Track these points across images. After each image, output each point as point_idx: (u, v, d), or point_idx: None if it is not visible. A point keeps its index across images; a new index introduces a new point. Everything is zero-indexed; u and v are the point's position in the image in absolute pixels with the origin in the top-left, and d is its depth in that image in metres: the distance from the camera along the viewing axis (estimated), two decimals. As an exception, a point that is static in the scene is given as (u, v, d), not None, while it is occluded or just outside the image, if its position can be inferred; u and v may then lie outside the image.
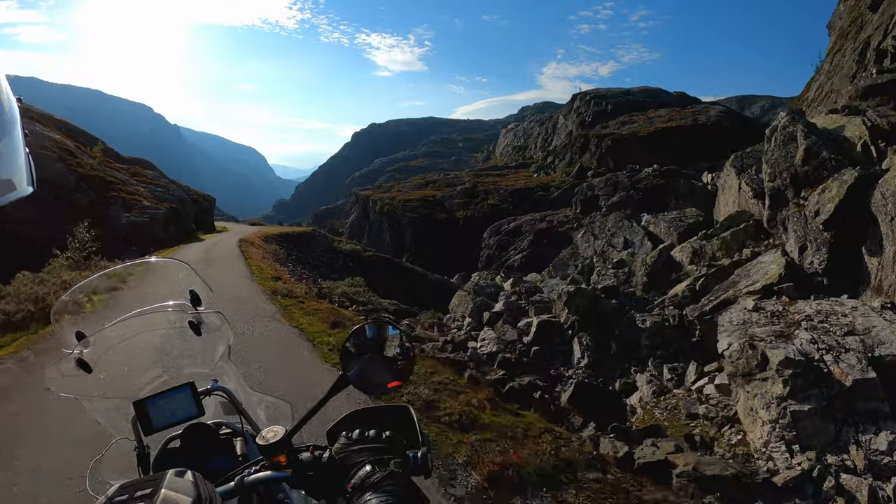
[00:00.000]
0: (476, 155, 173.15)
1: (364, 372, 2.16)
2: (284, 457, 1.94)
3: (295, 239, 43.01)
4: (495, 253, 60.92)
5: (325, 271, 33.73)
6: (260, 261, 28.24)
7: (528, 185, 75.86)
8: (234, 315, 14.60)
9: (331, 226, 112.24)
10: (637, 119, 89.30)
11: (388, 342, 2.20)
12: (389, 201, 78.90)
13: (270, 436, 1.95)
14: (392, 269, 40.33)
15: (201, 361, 2.87)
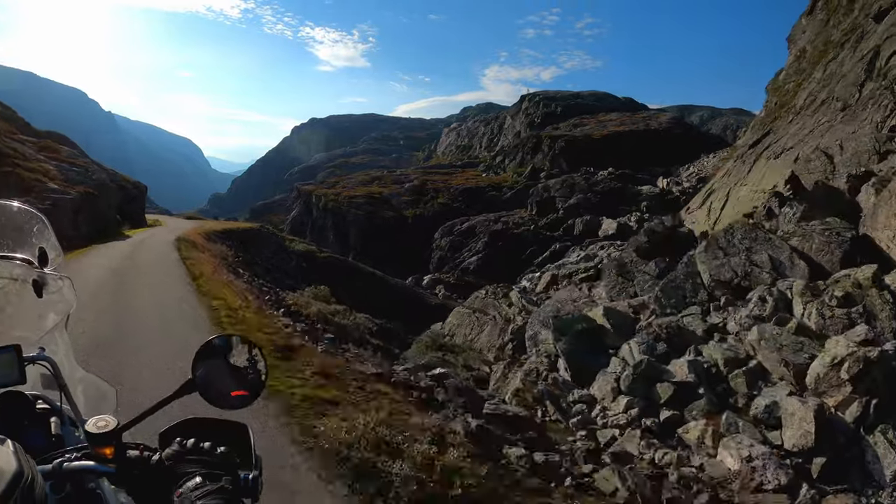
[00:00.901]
0: (417, 153, 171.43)
1: (210, 378, 2.05)
2: (112, 450, 1.77)
3: (240, 237, 37.58)
4: (448, 254, 57.16)
5: (278, 276, 29.21)
6: (211, 275, 19.72)
7: (479, 185, 72.45)
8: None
9: (269, 222, 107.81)
10: (588, 122, 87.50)
11: (238, 353, 2.14)
12: (334, 197, 74.31)
13: (101, 424, 1.78)
14: (349, 273, 35.99)
15: (32, 325, 2.46)
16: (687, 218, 47.36)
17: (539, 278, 48.22)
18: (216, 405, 2.10)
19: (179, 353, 9.93)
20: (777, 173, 33.94)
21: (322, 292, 21.88)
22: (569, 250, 51.54)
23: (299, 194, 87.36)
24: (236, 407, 2.08)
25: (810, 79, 37.54)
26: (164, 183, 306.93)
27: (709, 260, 15.40)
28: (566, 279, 41.98)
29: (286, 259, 35.56)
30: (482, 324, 20.81)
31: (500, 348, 19.34)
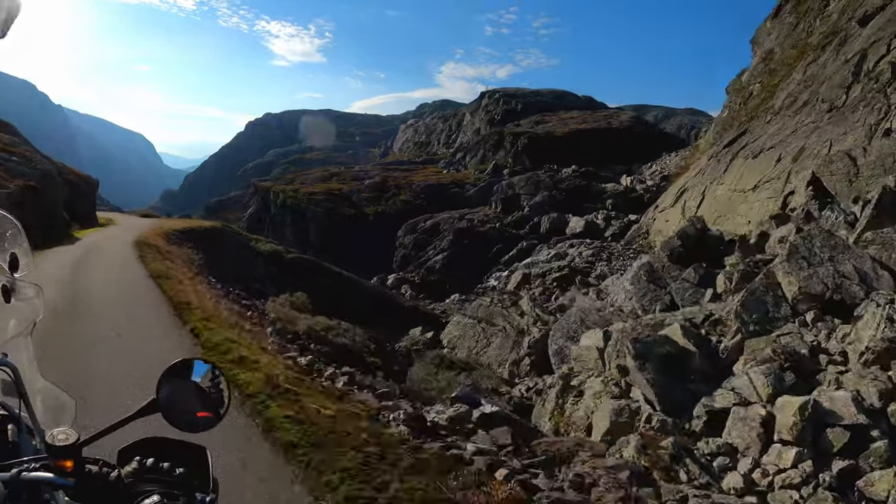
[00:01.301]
0: (373, 150, 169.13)
1: (174, 400, 2.05)
2: (72, 464, 1.77)
3: (202, 236, 34.19)
4: (412, 253, 55.24)
5: (246, 280, 26.87)
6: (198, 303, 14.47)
7: (441, 182, 70.66)
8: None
9: (224, 219, 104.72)
10: (550, 119, 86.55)
11: (203, 376, 2.13)
12: (293, 194, 71.69)
13: (62, 437, 1.79)
14: (318, 274, 33.69)
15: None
16: (658, 216, 46.59)
17: (508, 277, 46.82)
18: (178, 428, 2.05)
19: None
20: (757, 173, 33.22)
21: (300, 300, 19.80)
22: (536, 248, 50.25)
23: (256, 191, 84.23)
24: (198, 430, 2.06)
25: (789, 80, 37.52)
26: (115, 179, 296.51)
27: (794, 271, 12.94)
28: (539, 279, 40.60)
29: (252, 261, 33.01)
30: (489, 335, 18.93)
31: (514, 363, 17.42)
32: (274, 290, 25.28)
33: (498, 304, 20.46)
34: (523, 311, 20.03)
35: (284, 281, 29.62)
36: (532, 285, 39.80)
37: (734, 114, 59.40)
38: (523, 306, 20.42)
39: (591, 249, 44.41)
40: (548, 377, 16.02)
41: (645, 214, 53.84)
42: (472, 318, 19.65)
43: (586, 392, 12.10)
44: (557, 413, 11.99)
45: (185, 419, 2.05)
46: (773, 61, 52.38)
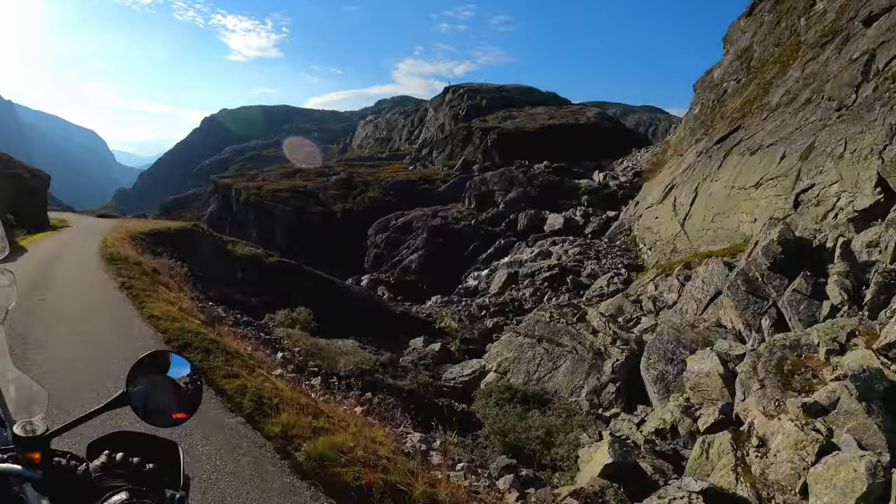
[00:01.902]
0: (332, 146, 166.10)
1: (148, 395, 1.98)
2: (39, 456, 1.73)
3: (173, 240, 29.97)
4: (384, 252, 52.16)
5: (226, 290, 23.32)
6: (239, 368, 9.36)
7: (409, 178, 67.57)
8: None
9: (181, 218, 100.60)
10: (517, 115, 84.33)
11: (178, 372, 2.06)
12: (256, 191, 67.77)
13: (30, 429, 1.75)
14: (301, 279, 30.20)
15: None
16: (645, 213, 44.47)
17: (490, 277, 44.19)
18: (148, 422, 1.99)
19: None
20: (757, 169, 31.49)
21: (302, 317, 16.65)
22: (515, 246, 47.87)
23: (216, 188, 79.76)
24: (169, 425, 2.02)
25: (784, 77, 36.41)
26: (67, 178, 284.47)
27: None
28: (527, 279, 37.97)
29: (227, 265, 29.29)
30: (555, 357, 15.81)
31: (594, 392, 14.38)
32: (255, 300, 22.09)
33: (561, 321, 17.28)
34: (594, 327, 16.90)
35: (265, 287, 26.42)
36: (520, 286, 37.21)
37: (707, 111, 58.49)
38: (592, 321, 17.28)
39: (576, 247, 42.01)
40: (647, 408, 13.24)
41: (624, 211, 52.08)
42: (530, 337, 16.55)
43: (772, 440, 8.92)
44: (742, 470, 8.80)
45: (155, 414, 1.97)
46: (754, 59, 51.41)
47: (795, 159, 28.78)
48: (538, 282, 36.32)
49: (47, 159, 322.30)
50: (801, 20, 43.33)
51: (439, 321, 32.65)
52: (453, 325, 29.56)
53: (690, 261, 31.45)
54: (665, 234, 38.48)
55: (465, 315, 31.87)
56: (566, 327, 16.67)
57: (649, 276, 33.56)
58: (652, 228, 40.56)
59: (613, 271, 36.96)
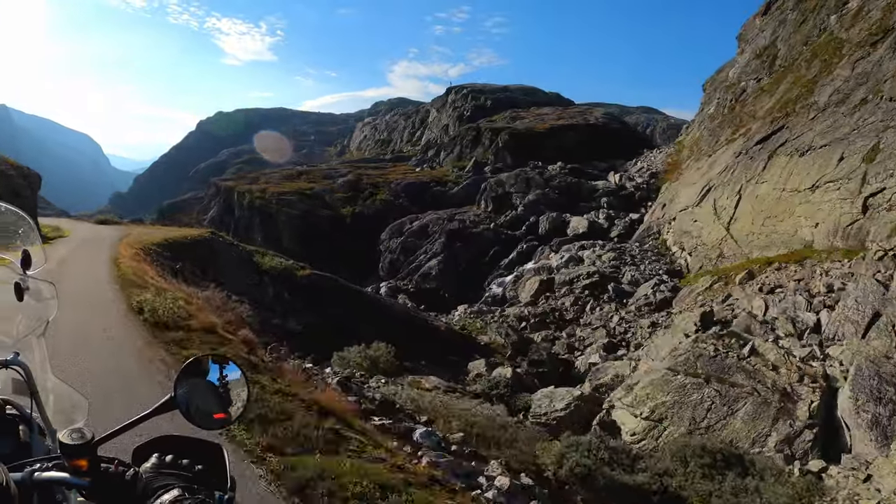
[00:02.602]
0: (329, 149, 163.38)
1: (192, 398, 1.98)
2: (86, 463, 1.69)
3: (190, 251, 25.41)
4: (400, 258, 48.74)
5: (264, 314, 19.73)
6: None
7: (420, 180, 64.08)
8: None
9: (179, 222, 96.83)
10: (525, 115, 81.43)
11: (226, 377, 2.05)
12: (260, 194, 64.10)
13: (76, 436, 1.69)
14: (339, 295, 26.40)
15: (9, 329, 2.37)
16: (680, 216, 41.42)
17: (516, 283, 40.90)
18: (195, 425, 1.97)
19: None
20: (811, 171, 29.20)
21: (382, 357, 13.18)
22: (538, 251, 44.66)
23: (218, 191, 75.95)
24: (215, 428, 2.02)
25: (830, 76, 34.76)
26: (61, 182, 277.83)
27: None
28: (564, 286, 34.68)
29: (256, 280, 25.43)
30: (729, 401, 12.28)
31: (785, 441, 11.05)
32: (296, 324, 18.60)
33: (731, 355, 13.51)
34: (769, 359, 13.33)
35: (300, 305, 22.91)
36: (557, 293, 33.97)
37: (724, 110, 56.07)
38: (768, 353, 13.69)
39: (610, 252, 38.86)
40: (855, 459, 10.18)
41: (648, 213, 49.21)
42: (693, 376, 13.03)
43: None
44: None
45: (201, 416, 1.96)
46: (778, 57, 49.29)
47: (858, 161, 26.97)
48: (577, 290, 33.09)
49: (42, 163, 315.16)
50: (832, 18, 41.64)
51: (473, 332, 29.35)
52: (499, 339, 26.24)
53: (750, 268, 28.76)
54: (708, 238, 35.85)
55: (507, 328, 28.46)
56: (738, 362, 13.22)
57: (703, 283, 30.75)
58: (691, 232, 37.74)
59: (657, 278, 33.87)
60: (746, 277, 27.64)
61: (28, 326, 2.36)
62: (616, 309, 30.60)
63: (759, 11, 59.73)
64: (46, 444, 2.06)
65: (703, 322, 21.38)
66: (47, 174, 46.37)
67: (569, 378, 20.19)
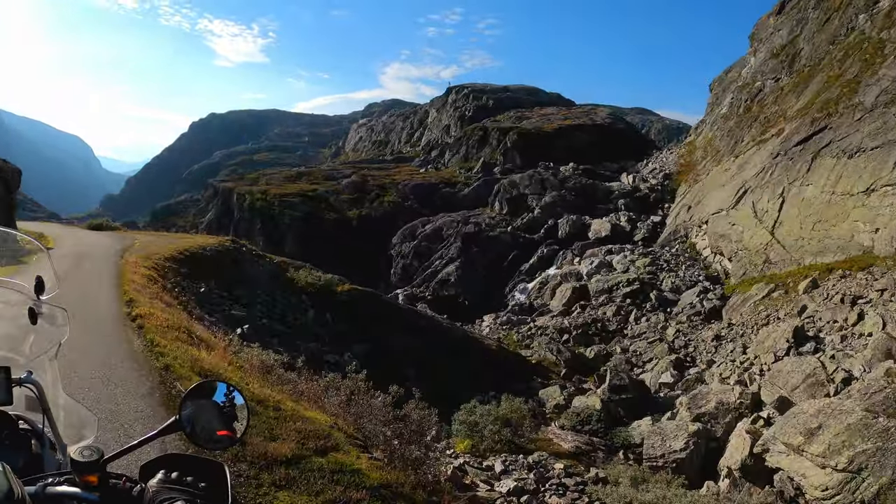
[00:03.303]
0: (324, 150, 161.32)
1: (198, 418, 2.04)
2: (96, 478, 1.75)
3: (211, 266, 21.08)
4: (413, 263, 45.80)
5: (309, 345, 16.40)
6: None
7: (429, 181, 61.10)
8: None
9: (173, 225, 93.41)
10: (531, 115, 78.92)
11: (232, 397, 2.11)
12: (261, 195, 60.86)
13: (87, 453, 1.75)
14: (388, 315, 22.81)
15: (23, 349, 2.45)
16: (714, 220, 38.80)
17: (541, 290, 38.08)
18: (199, 445, 2.02)
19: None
20: (864, 174, 27.41)
21: (510, 411, 10.18)
22: (559, 256, 41.91)
23: (216, 193, 72.57)
24: (218, 448, 2.07)
25: (875, 76, 32.44)
26: (52, 185, 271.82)
27: None
28: (603, 294, 31.84)
29: (291, 299, 21.37)
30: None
31: None
32: (349, 357, 15.42)
33: None
34: None
35: (343, 329, 19.69)
36: (594, 302, 31.16)
37: (739, 110, 54.16)
38: None
39: (643, 257, 36.17)
40: None
41: (672, 215, 46.73)
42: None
43: None
44: None
45: (205, 436, 2.01)
46: (801, 56, 47.53)
47: None
48: (618, 298, 30.28)
49: (33, 165, 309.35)
50: (861, 17, 39.93)
51: (510, 346, 26.49)
52: (549, 357, 23.40)
53: (810, 275, 26.35)
54: (751, 243, 33.41)
55: (556, 344, 25.59)
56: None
57: (757, 291, 28.28)
58: (729, 236, 35.18)
59: (700, 285, 31.29)
60: (811, 286, 25.16)
61: (41, 348, 2.39)
62: (665, 319, 27.91)
63: (773, 11, 58.12)
64: (57, 459, 2.07)
65: (795, 338, 18.68)
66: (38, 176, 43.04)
67: (650, 404, 17.37)
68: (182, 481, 1.80)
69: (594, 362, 23.78)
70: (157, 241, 27.29)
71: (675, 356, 22.87)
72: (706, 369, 21.30)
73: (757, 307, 26.53)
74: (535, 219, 47.33)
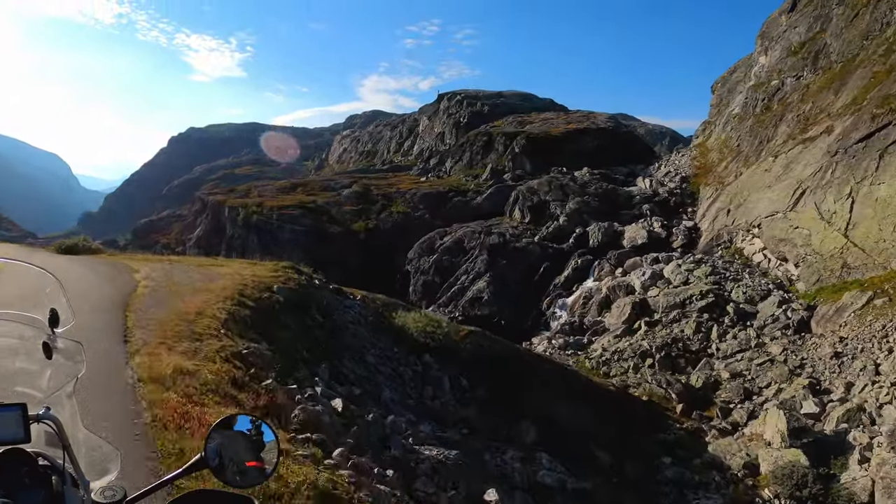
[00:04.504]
0: (307, 163, 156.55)
1: (225, 452, 1.97)
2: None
3: (289, 320, 14.66)
4: (435, 279, 41.46)
5: (464, 441, 11.12)
6: None
7: (438, 189, 56.87)
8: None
9: (156, 242, 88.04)
10: (532, 120, 75.46)
11: (259, 427, 2.03)
12: (256, 208, 56.06)
13: (109, 494, 1.76)
14: (506, 359, 17.56)
15: (40, 385, 2.31)
16: (766, 223, 35.37)
17: (586, 306, 34.17)
18: (228, 483, 1.95)
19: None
20: None
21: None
22: (593, 266, 38.05)
23: (204, 206, 67.49)
24: (248, 484, 2.00)
25: None
26: (29, 203, 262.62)
27: None
28: (675, 309, 27.90)
29: (412, 364, 15.42)
30: None
31: None
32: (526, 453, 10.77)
33: None
34: None
35: (478, 396, 14.59)
36: (664, 319, 27.16)
37: (755, 109, 51.89)
38: None
39: (698, 266, 32.35)
40: None
41: (709, 220, 43.28)
42: None
43: None
44: None
45: (233, 470, 1.96)
46: (833, 53, 45.54)
47: None
48: (693, 313, 26.35)
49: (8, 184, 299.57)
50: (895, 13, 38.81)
51: (591, 377, 22.34)
52: (656, 391, 19.35)
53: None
54: (822, 247, 30.11)
55: (662, 375, 21.52)
56: None
57: (851, 299, 24.73)
58: (792, 240, 31.79)
59: (776, 294, 27.65)
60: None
61: (58, 383, 2.28)
62: (757, 335, 24.08)
63: (784, 8, 56.05)
64: (80, 496, 1.99)
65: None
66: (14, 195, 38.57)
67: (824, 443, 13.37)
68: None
69: (703, 392, 19.84)
70: (171, 275, 17.94)
71: (807, 380, 18.95)
72: (849, 394, 17.47)
73: (863, 317, 23.04)
74: (562, 227, 43.41)
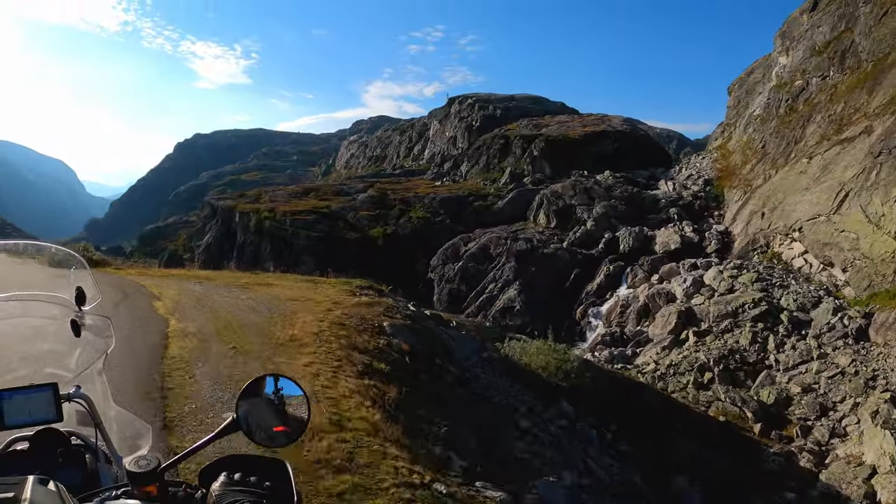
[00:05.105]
0: (313, 168, 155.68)
1: (252, 417, 1.95)
2: (155, 488, 1.70)
3: (421, 372, 12.05)
4: (461, 287, 39.82)
5: None
6: None
7: (456, 194, 55.27)
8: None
9: (163, 249, 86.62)
10: (548, 123, 74.16)
11: (280, 390, 2.00)
12: (269, 214, 54.40)
13: (143, 463, 1.71)
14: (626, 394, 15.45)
15: (69, 364, 2.40)
16: (807, 226, 33.86)
17: (624, 316, 32.67)
18: (257, 443, 1.95)
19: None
20: None
21: None
22: (626, 273, 36.55)
23: (213, 212, 65.73)
24: (277, 446, 2.00)
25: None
26: (35, 209, 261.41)
27: None
28: (726, 319, 26.26)
29: (534, 405, 12.49)
30: None
31: None
32: None
33: None
34: None
35: (623, 452, 12.46)
36: (715, 329, 25.54)
37: (779, 110, 50.57)
38: None
39: (741, 272, 30.82)
40: None
41: (742, 224, 41.71)
42: None
43: None
44: None
45: (261, 434, 1.95)
46: (858, 52, 44.42)
47: None
48: (747, 323, 24.75)
49: (14, 190, 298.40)
50: None
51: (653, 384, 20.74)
52: (732, 410, 17.72)
53: None
54: (872, 251, 28.60)
55: (738, 393, 19.88)
56: None
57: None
58: (839, 245, 30.29)
59: (827, 301, 26.16)
60: None
61: (87, 361, 2.30)
62: (819, 345, 22.51)
63: (806, 8, 54.47)
64: (114, 472, 2.01)
65: None
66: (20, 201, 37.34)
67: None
68: (246, 482, 1.72)
69: (776, 408, 18.30)
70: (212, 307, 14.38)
71: (887, 394, 17.37)
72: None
73: None
74: (590, 232, 41.79)
